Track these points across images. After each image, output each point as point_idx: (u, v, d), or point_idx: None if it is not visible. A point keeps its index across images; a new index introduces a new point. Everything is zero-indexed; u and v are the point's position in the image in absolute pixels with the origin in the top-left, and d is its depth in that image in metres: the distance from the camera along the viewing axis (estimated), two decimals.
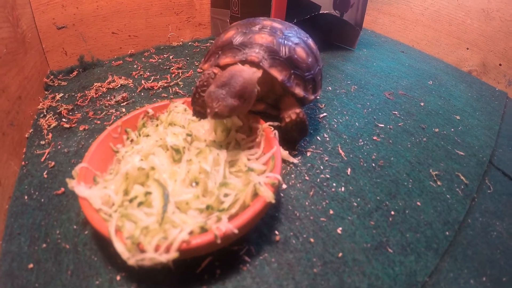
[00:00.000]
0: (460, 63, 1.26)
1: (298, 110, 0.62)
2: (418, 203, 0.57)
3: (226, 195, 0.45)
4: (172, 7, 1.26)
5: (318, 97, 0.68)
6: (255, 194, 0.44)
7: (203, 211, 0.42)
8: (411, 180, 0.62)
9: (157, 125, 0.60)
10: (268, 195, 0.43)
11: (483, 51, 1.20)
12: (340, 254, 0.47)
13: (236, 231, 0.39)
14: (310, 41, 0.71)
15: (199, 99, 0.62)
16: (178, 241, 0.36)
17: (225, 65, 0.62)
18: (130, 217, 0.39)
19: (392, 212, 0.55)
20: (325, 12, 1.12)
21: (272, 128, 0.57)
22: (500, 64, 1.16)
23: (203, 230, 0.39)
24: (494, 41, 1.17)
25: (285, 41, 0.63)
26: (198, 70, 1.01)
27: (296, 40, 0.66)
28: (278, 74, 0.60)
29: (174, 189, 0.44)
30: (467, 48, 1.24)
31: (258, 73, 0.58)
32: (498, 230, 0.56)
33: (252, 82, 0.55)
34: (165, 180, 0.45)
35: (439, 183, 0.62)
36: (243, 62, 0.60)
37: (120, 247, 0.37)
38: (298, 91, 0.62)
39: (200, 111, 0.63)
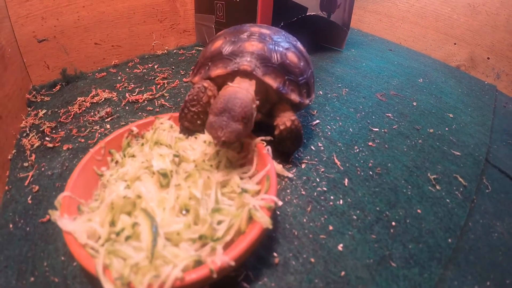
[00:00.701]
0: (448, 59, 1.27)
1: (293, 117, 0.60)
2: (419, 211, 0.56)
3: (219, 222, 0.42)
4: (156, 15, 1.24)
5: (311, 102, 0.67)
6: (251, 217, 0.42)
7: (195, 241, 0.40)
8: (409, 187, 0.60)
9: (142, 144, 0.58)
10: (265, 221, 0.41)
11: (471, 46, 1.20)
12: (343, 273, 0.45)
13: (232, 263, 0.36)
14: (299, 45, 0.70)
15: (188, 114, 0.60)
16: (171, 279, 0.34)
17: (217, 77, 0.60)
18: (118, 253, 0.37)
19: (393, 223, 0.53)
20: (312, 13, 1.10)
21: (265, 144, 0.54)
22: (488, 58, 1.16)
23: (197, 262, 0.37)
24: (481, 35, 1.17)
25: (276, 47, 0.62)
26: (185, 80, 1.00)
27: (286, 45, 0.64)
28: (272, 82, 0.58)
29: (163, 218, 0.41)
30: (455, 43, 1.24)
31: (252, 87, 0.56)
32: (498, 231, 0.56)
33: (250, 100, 0.53)
34: (153, 209, 0.42)
35: (438, 187, 0.61)
36: (236, 72, 0.58)
37: None
38: (294, 97, 0.61)
39: (188, 127, 0.61)
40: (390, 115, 0.82)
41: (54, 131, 0.78)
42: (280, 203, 0.48)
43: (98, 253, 0.38)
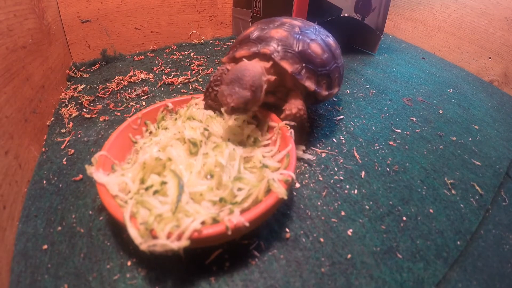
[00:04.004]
0: (481, 72, 1.24)
1: (301, 106, 0.62)
2: (431, 211, 0.56)
3: (239, 189, 0.45)
4: (195, 5, 1.28)
5: (334, 95, 0.69)
6: (268, 191, 0.45)
7: (216, 203, 0.43)
8: (425, 187, 0.61)
9: (176, 119, 0.62)
10: (281, 191, 0.43)
11: (506, 61, 1.17)
12: (349, 256, 0.47)
13: (247, 224, 0.39)
14: (330, 40, 0.72)
15: (212, 93, 0.64)
16: (190, 230, 0.37)
17: (240, 58, 0.64)
18: (145, 204, 0.40)
19: (404, 218, 0.54)
20: (346, 15, 1.12)
21: (289, 127, 0.57)
22: None
23: (215, 221, 0.40)
24: None
25: (300, 37, 0.65)
26: (219, 68, 1.03)
27: (312, 37, 0.67)
28: (288, 66, 0.61)
29: (189, 180, 0.45)
30: (489, 57, 1.22)
31: (265, 66, 0.61)
32: (510, 243, 0.55)
33: (258, 72, 0.57)
34: (181, 171, 0.46)
35: (453, 191, 0.61)
36: (257, 55, 0.63)
37: (133, 232, 0.38)
38: (309, 84, 0.63)
39: (211, 105, 0.65)
40: (414, 119, 0.82)
41: (91, 104, 0.83)
42: (298, 184, 0.51)
43: (126, 204, 0.42)
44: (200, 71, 1.02)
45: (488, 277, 0.48)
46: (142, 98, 0.86)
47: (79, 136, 0.70)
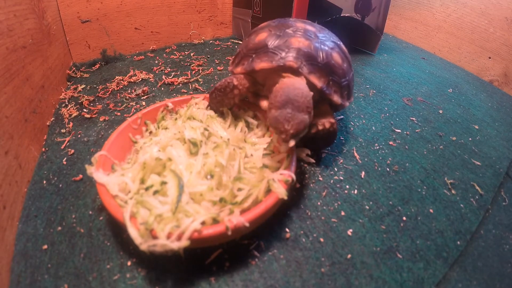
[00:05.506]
0: (481, 72, 1.24)
1: (333, 120, 0.59)
2: (431, 211, 0.57)
3: (240, 189, 0.46)
4: (195, 5, 1.28)
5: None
6: (268, 191, 0.45)
7: (216, 203, 0.43)
8: (425, 187, 0.61)
9: (176, 119, 0.62)
10: (281, 192, 0.43)
11: (506, 61, 1.17)
12: (349, 256, 0.47)
13: (247, 224, 0.39)
14: (342, 45, 0.68)
15: (214, 99, 0.63)
16: (190, 230, 0.37)
17: (261, 70, 0.59)
18: (145, 204, 0.40)
19: (404, 218, 0.54)
20: (346, 15, 1.12)
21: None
22: None
23: (215, 221, 0.40)
24: None
25: (322, 46, 0.60)
26: (219, 68, 1.04)
27: (331, 45, 0.63)
28: (317, 81, 0.57)
29: (189, 180, 0.45)
30: (489, 57, 1.22)
31: (304, 82, 0.55)
32: (510, 243, 0.55)
33: (308, 91, 0.52)
34: (181, 171, 0.46)
35: (453, 191, 0.61)
36: (281, 68, 0.57)
37: (133, 232, 0.38)
38: (336, 98, 0.60)
39: (213, 107, 0.65)
40: (414, 119, 0.82)
41: (91, 104, 0.83)
42: (297, 185, 0.50)
43: (126, 204, 0.42)
44: (200, 71, 1.02)
45: (488, 277, 0.49)
46: (142, 98, 0.86)
47: (79, 136, 0.70)
